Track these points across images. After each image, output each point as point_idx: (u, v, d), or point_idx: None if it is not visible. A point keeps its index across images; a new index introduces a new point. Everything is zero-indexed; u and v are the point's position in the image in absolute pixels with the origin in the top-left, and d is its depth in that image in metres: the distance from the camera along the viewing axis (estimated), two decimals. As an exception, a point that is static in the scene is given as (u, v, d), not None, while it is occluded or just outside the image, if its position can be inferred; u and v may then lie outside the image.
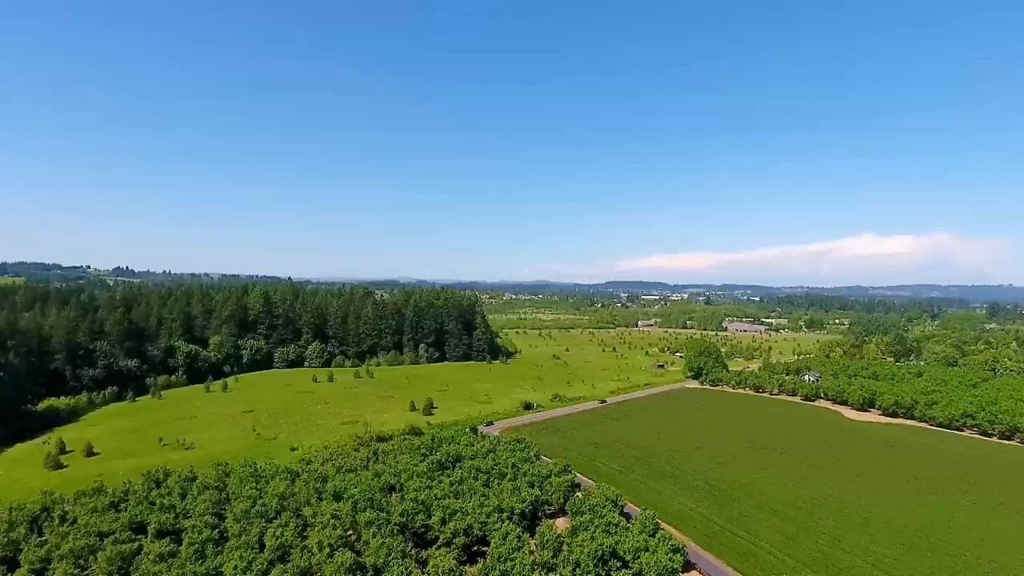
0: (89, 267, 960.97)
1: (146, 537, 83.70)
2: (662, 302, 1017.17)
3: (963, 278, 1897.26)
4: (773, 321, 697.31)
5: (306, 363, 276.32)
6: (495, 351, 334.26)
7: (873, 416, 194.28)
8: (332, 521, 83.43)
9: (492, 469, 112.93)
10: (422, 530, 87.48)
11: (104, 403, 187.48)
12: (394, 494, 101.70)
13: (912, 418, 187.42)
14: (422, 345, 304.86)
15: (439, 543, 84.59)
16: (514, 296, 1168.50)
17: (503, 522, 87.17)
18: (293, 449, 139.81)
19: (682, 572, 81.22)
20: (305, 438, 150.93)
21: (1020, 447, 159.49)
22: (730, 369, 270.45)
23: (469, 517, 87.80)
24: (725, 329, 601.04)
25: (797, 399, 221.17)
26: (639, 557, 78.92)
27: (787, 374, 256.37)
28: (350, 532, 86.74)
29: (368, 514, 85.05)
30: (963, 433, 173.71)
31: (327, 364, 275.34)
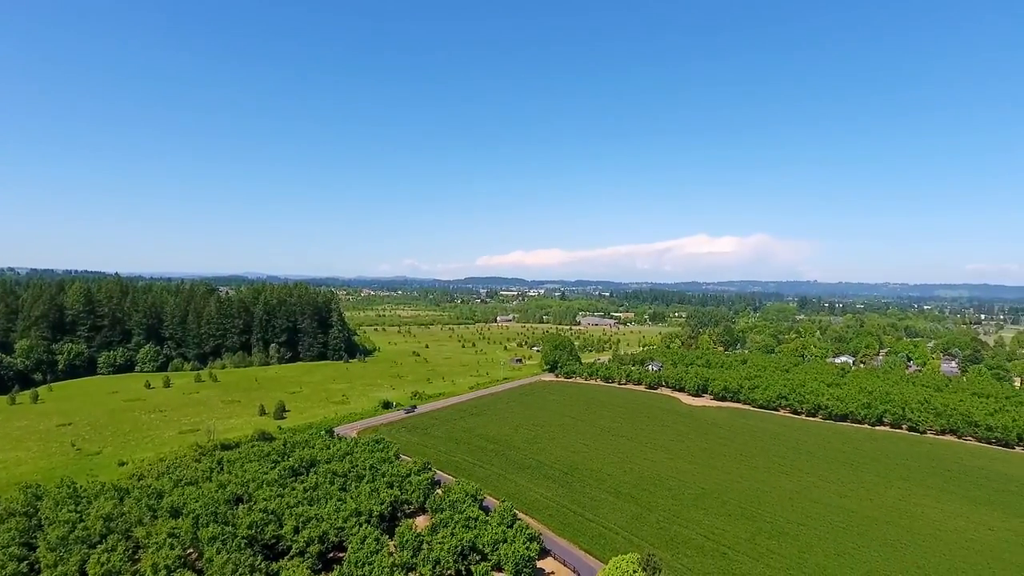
0: None
1: (-70, 579, 71.33)
2: (520, 298, 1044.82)
3: (779, 275, 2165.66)
4: (621, 315, 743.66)
5: (138, 368, 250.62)
6: (352, 349, 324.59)
7: (706, 400, 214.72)
8: (169, 540, 76.44)
9: (350, 472, 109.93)
10: (273, 541, 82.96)
11: None
12: (241, 505, 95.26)
13: (738, 401, 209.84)
14: (273, 345, 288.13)
15: (292, 553, 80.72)
16: (372, 292, 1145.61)
17: (361, 526, 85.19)
18: (122, 464, 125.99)
19: (538, 559, 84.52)
20: (136, 451, 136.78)
21: (822, 422, 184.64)
22: (583, 361, 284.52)
23: (325, 523, 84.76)
24: (578, 323, 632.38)
25: (642, 388, 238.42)
26: (498, 549, 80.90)
27: (633, 364, 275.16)
28: (191, 551, 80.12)
29: (211, 529, 78.94)
30: (778, 412, 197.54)
31: (163, 368, 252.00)
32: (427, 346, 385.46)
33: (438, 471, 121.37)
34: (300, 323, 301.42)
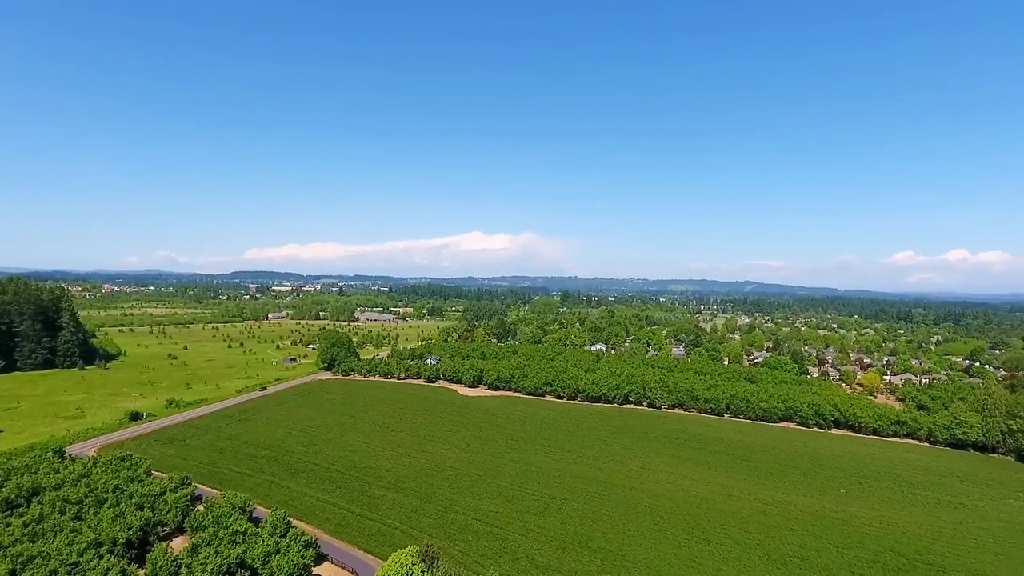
0: None
1: None
2: (295, 293, 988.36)
3: (545, 270, 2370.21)
4: (401, 310, 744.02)
5: None
6: (91, 355, 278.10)
7: (482, 391, 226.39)
8: None
9: (87, 497, 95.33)
10: (-20, 591, 69.03)
11: None
12: (-69, 554, 77.36)
13: (510, 389, 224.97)
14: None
15: (8, 602, 68.05)
16: (117, 288, 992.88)
17: (102, 557, 74.81)
18: None
19: (315, 566, 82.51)
20: None
21: (581, 404, 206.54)
22: (362, 358, 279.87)
23: (53, 561, 72.83)
24: (357, 319, 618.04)
25: (421, 381, 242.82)
26: (270, 561, 77.13)
27: (412, 359, 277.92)
28: None
29: None
30: (545, 398, 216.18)
31: None
32: (186, 347, 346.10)
33: (200, 485, 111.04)
34: (17, 325, 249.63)
